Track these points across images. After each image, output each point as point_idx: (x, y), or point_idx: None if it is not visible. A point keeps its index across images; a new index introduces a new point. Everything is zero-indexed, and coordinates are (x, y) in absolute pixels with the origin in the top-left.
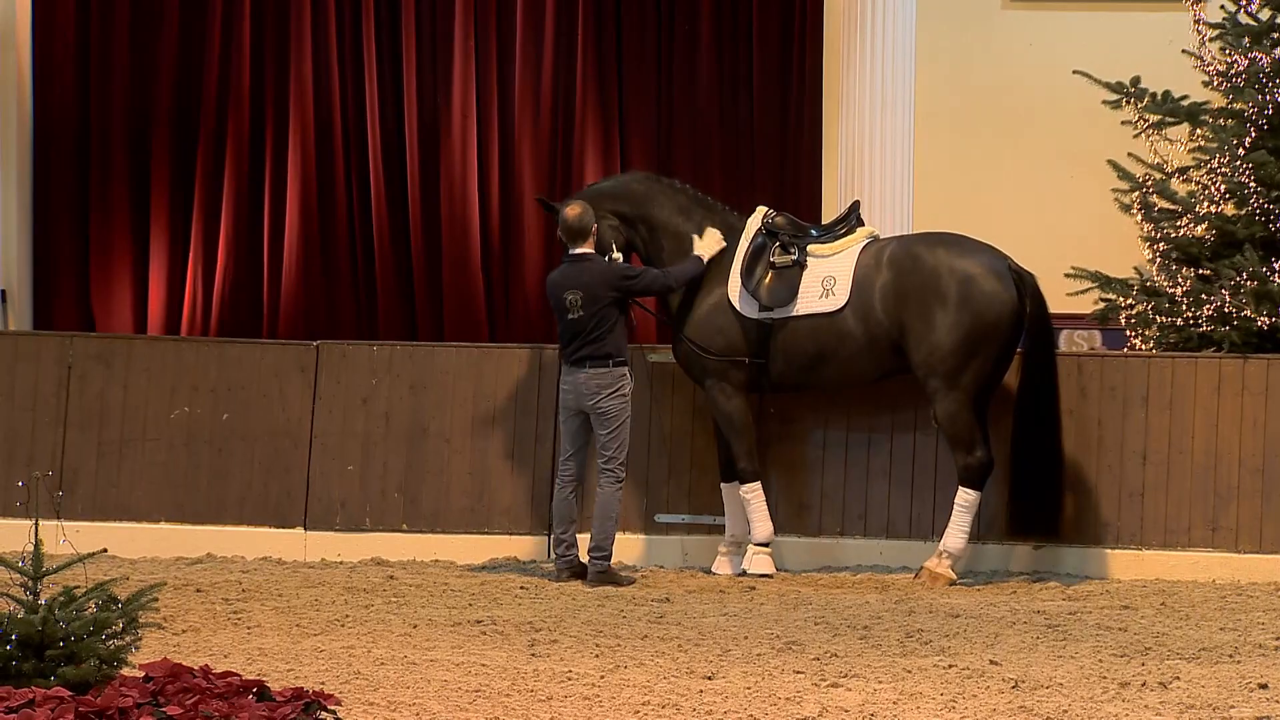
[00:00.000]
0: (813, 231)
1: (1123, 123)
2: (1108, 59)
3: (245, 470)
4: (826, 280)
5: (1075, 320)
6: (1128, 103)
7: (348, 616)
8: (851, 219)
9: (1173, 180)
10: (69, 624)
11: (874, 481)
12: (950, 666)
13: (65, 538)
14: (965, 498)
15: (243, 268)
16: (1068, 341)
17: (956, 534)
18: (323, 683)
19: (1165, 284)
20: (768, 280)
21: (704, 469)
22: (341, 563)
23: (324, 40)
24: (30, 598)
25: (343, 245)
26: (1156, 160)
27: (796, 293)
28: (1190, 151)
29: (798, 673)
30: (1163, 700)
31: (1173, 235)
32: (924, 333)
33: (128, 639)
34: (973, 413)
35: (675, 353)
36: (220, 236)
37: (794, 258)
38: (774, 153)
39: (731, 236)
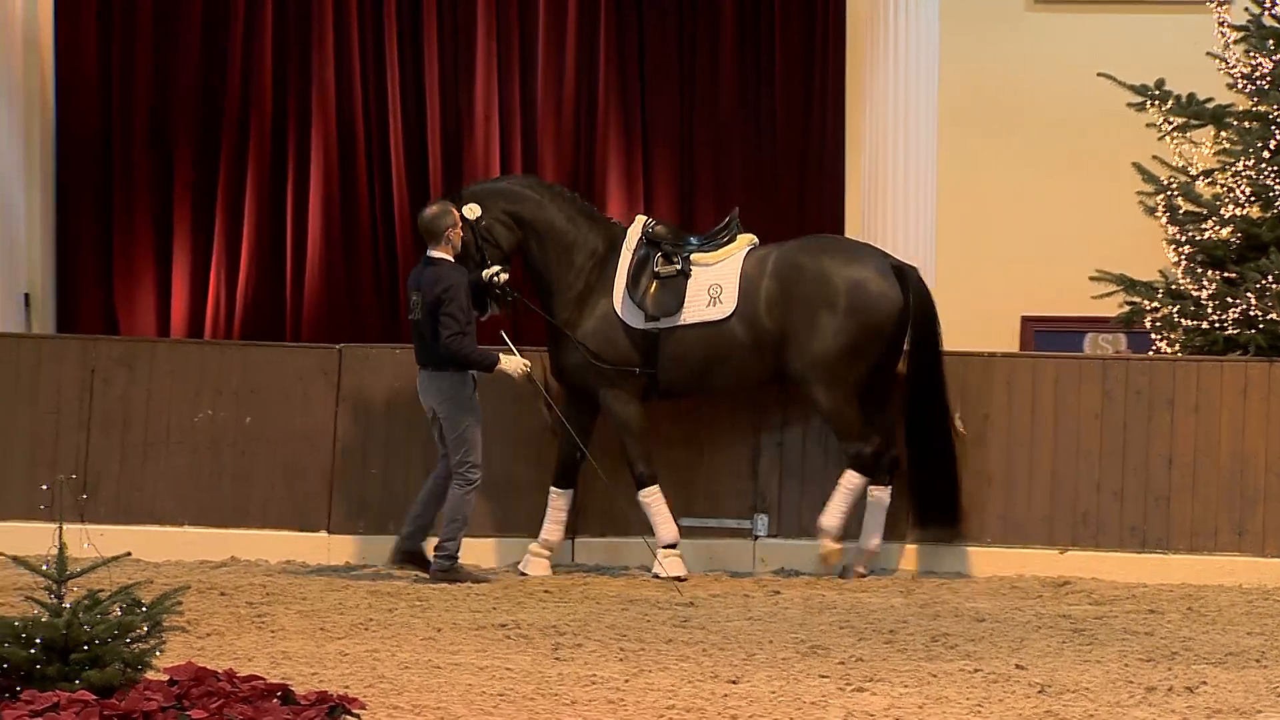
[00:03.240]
0: (693, 240)
1: (1147, 125)
2: (1132, 61)
3: (268, 473)
4: (713, 288)
5: (1100, 323)
6: (1152, 105)
7: (372, 620)
8: (732, 227)
9: (1197, 183)
10: (93, 627)
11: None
12: (976, 671)
13: (89, 541)
14: (851, 481)
15: (265, 270)
16: (1093, 344)
17: (835, 512)
18: (347, 686)
19: (1190, 287)
20: (653, 290)
21: (727, 473)
22: (365, 566)
23: (346, 44)
24: (55, 601)
25: (366, 248)
26: (1181, 163)
27: (683, 302)
28: (1215, 154)
29: (823, 677)
30: (1189, 705)
31: (1198, 238)
32: (808, 339)
33: (152, 642)
34: (856, 406)
35: (563, 364)
36: (243, 239)
37: (678, 267)
38: (796, 156)
39: (613, 248)
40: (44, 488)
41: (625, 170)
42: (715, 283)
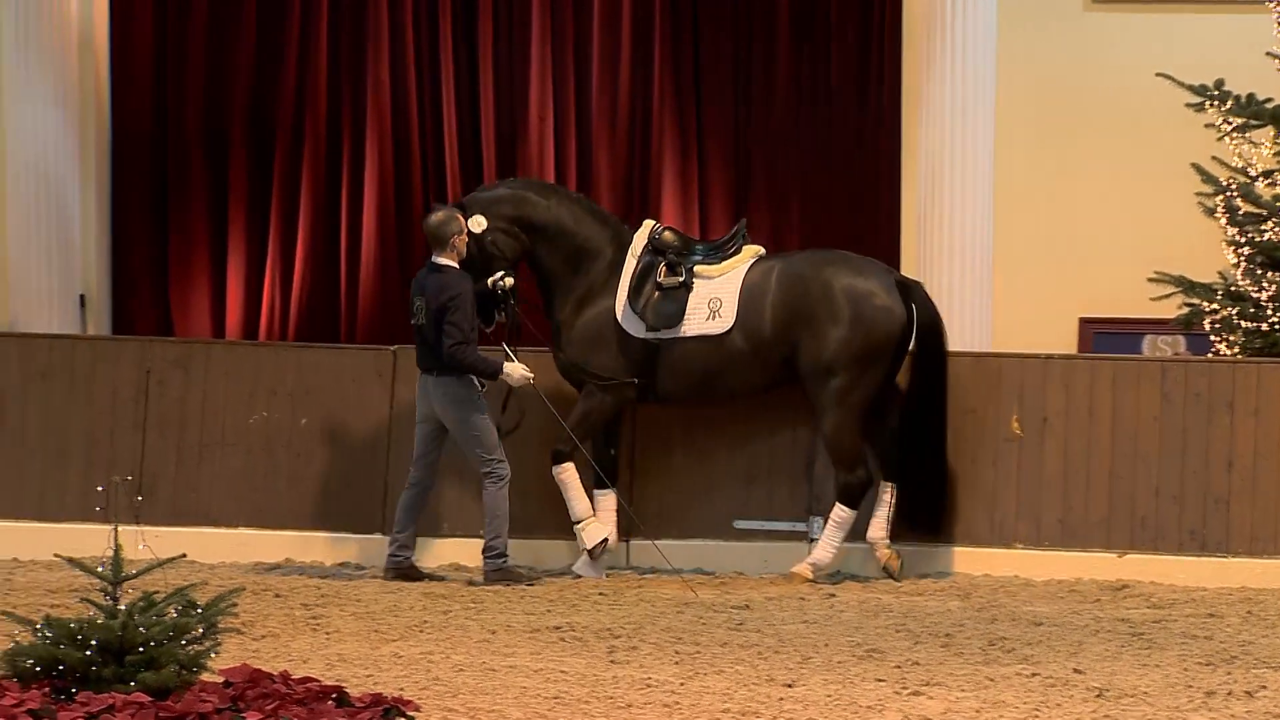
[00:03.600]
0: (699, 248)
1: (1206, 126)
2: (1191, 61)
3: (323, 475)
4: (713, 301)
5: (1159, 325)
6: (1211, 105)
7: (426, 622)
8: (738, 238)
9: (1257, 184)
10: (149, 629)
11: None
12: (1034, 675)
13: (145, 543)
14: (840, 515)
15: (320, 272)
16: (1151, 346)
17: (827, 548)
18: (401, 689)
19: (1250, 288)
20: (655, 300)
21: (784, 474)
22: (420, 568)
23: (401, 45)
24: (110, 603)
25: (419, 250)
26: (1240, 164)
27: (683, 315)
28: (1275, 154)
29: (879, 680)
30: (1249, 709)
31: (1257, 239)
32: (816, 351)
33: (207, 644)
34: (858, 432)
35: (556, 360)
36: (298, 241)
37: (681, 280)
38: (852, 158)
39: (619, 250)
40: (99, 489)
41: (680, 174)
42: (716, 296)
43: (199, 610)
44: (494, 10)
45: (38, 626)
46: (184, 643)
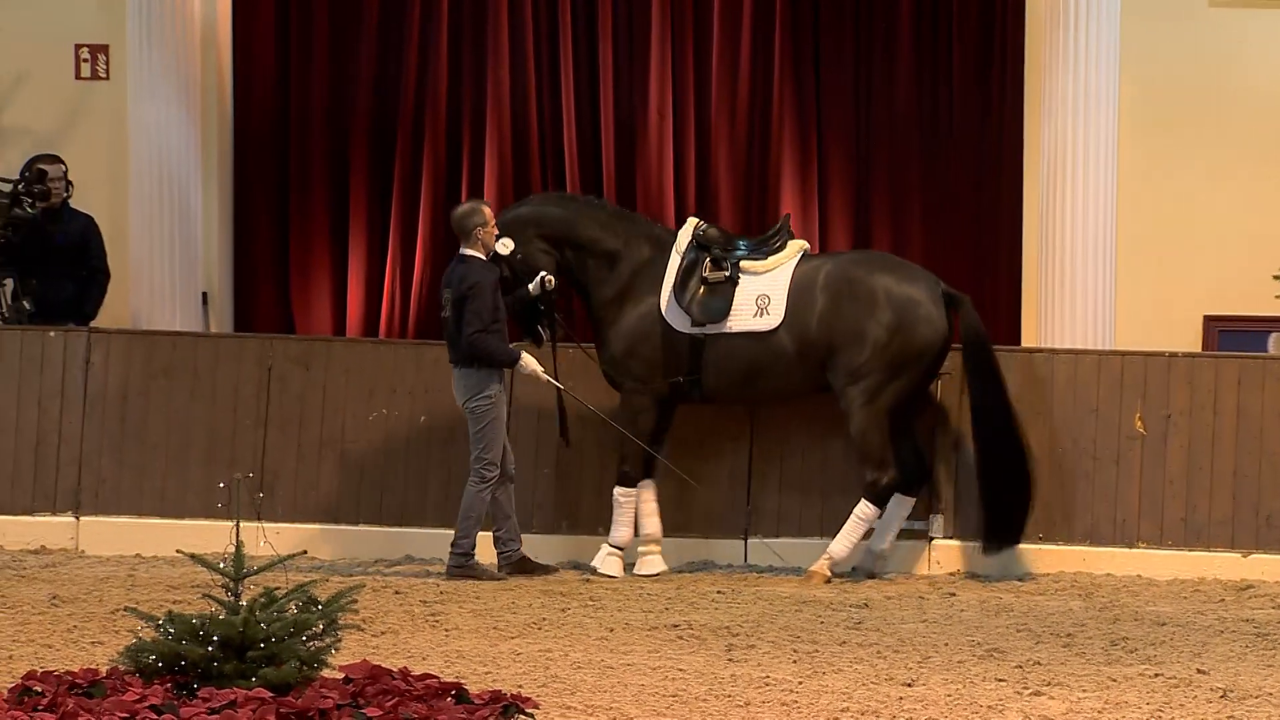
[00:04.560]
0: (743, 244)
1: None
2: None
3: (443, 472)
4: (760, 298)
5: None
6: None
7: (545, 620)
8: (784, 234)
9: None
10: (269, 625)
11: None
12: (1156, 675)
13: (266, 539)
14: (865, 511)
15: (440, 270)
16: (1277, 344)
17: (845, 543)
18: (520, 686)
19: None
20: (700, 295)
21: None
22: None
23: (521, 43)
24: (231, 599)
25: None
26: None
27: (729, 309)
28: None
29: (999, 680)
30: None
31: None
32: (854, 352)
33: (327, 640)
34: (886, 432)
35: (600, 357)
36: (418, 239)
37: (726, 274)
38: (973, 154)
39: (658, 249)
40: (221, 486)
41: (800, 169)
42: (763, 293)
43: (319, 607)
44: (614, 6)
45: (160, 622)
46: (304, 639)
